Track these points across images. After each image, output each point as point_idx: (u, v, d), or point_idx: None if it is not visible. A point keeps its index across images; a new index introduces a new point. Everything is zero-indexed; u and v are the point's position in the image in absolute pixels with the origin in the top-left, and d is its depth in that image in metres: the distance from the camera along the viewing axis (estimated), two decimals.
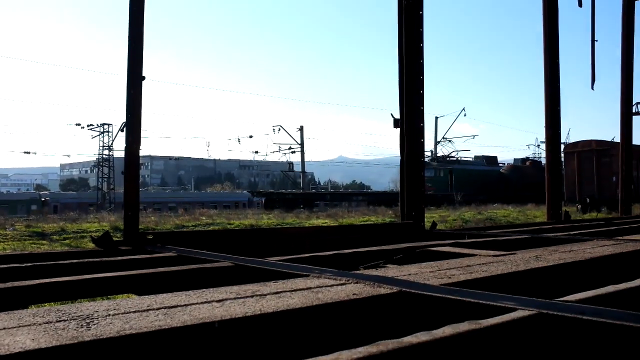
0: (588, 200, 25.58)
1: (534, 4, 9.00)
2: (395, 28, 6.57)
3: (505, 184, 44.09)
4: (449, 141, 56.98)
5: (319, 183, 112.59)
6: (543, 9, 8.82)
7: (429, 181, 43.80)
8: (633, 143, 12.41)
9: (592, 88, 11.35)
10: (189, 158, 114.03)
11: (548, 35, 8.72)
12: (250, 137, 67.94)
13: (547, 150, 8.94)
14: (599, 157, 25.94)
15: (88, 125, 54.38)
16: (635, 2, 11.66)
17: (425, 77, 6.35)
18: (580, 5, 10.61)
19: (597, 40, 11.02)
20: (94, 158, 57.10)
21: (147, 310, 1.79)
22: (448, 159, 48.91)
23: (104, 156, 54.01)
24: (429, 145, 67.50)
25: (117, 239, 4.22)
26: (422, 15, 6.36)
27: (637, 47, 11.82)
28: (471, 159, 49.75)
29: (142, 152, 4.77)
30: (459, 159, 49.54)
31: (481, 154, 51.30)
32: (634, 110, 13.94)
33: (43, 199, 53.70)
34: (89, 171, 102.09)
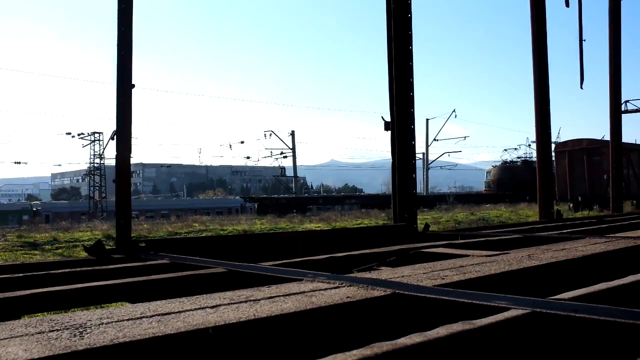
0: (580, 198, 25.70)
1: (522, 4, 9.08)
2: (384, 31, 6.59)
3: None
4: (515, 148, 61.79)
5: (312, 187, 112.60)
6: (531, 10, 8.87)
7: None
8: (623, 141, 12.46)
9: (581, 87, 11.40)
10: (181, 165, 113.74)
11: (536, 36, 8.77)
12: (242, 142, 67.85)
13: (538, 150, 8.97)
14: (589, 155, 26.06)
15: (79, 134, 54.13)
16: (621, 1, 11.74)
17: (415, 80, 6.37)
18: (567, 5, 10.67)
19: (585, 40, 11.08)
20: (86, 167, 56.78)
21: (141, 318, 1.78)
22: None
23: (95, 165, 53.73)
24: (420, 147, 67.75)
25: (109, 247, 4.20)
26: (410, 18, 6.38)
27: (624, 46, 11.92)
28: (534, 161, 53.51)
29: (133, 160, 4.76)
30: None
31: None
32: (623, 109, 14.03)
33: (35, 208, 53.40)
34: (80, 180, 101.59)
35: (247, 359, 1.72)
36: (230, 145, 68.43)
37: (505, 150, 60.53)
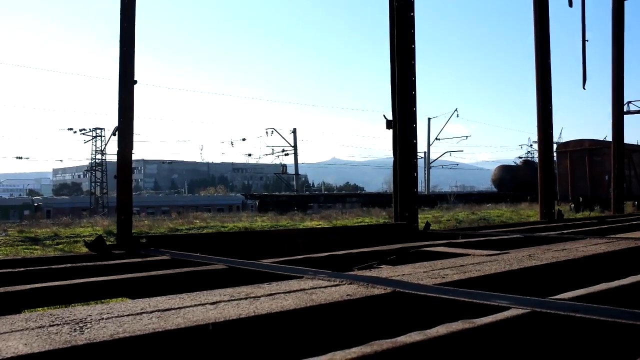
0: (581, 199, 25.67)
1: (525, 4, 9.05)
2: (387, 29, 6.59)
3: None
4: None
5: (313, 185, 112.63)
6: (534, 10, 8.85)
7: None
8: (625, 142, 12.44)
9: (584, 87, 11.38)
10: (182, 162, 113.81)
11: (539, 36, 8.75)
12: (244, 140, 67.90)
13: (540, 150, 8.97)
14: (591, 156, 26.03)
15: (80, 130, 54.24)
16: (625, 1, 11.71)
17: (417, 79, 6.37)
18: (570, 5, 10.65)
19: (587, 40, 11.05)
20: (87, 162, 56.90)
21: (141, 313, 1.78)
22: None
23: (97, 160, 53.86)
24: (422, 146, 67.72)
25: (110, 243, 4.21)
26: (413, 17, 6.37)
27: (627, 47, 11.87)
28: None
29: (135, 156, 4.77)
30: None
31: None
32: (625, 109, 14.02)
33: (36, 204, 53.48)
34: (81, 176, 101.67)
35: (247, 355, 1.72)
36: (231, 143, 68.77)
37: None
